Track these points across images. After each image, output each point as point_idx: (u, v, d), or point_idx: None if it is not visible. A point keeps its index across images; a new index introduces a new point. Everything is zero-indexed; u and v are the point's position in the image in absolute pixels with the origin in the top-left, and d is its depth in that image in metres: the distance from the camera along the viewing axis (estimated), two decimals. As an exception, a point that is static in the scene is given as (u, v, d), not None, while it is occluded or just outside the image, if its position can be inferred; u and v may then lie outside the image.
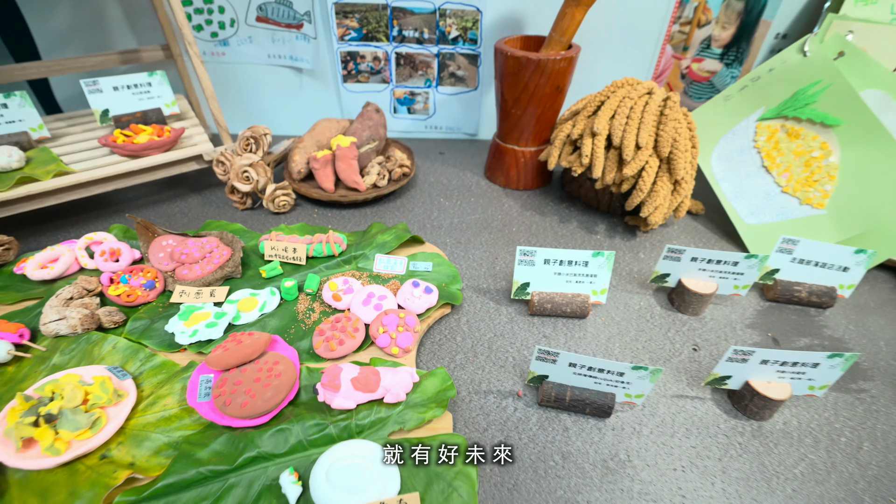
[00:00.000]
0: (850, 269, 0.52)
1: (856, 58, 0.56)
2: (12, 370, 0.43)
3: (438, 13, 0.76)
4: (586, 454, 0.40)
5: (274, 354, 0.42)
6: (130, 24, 0.78)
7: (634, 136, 0.58)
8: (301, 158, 0.70)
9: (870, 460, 0.40)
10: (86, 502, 0.34)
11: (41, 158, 0.61)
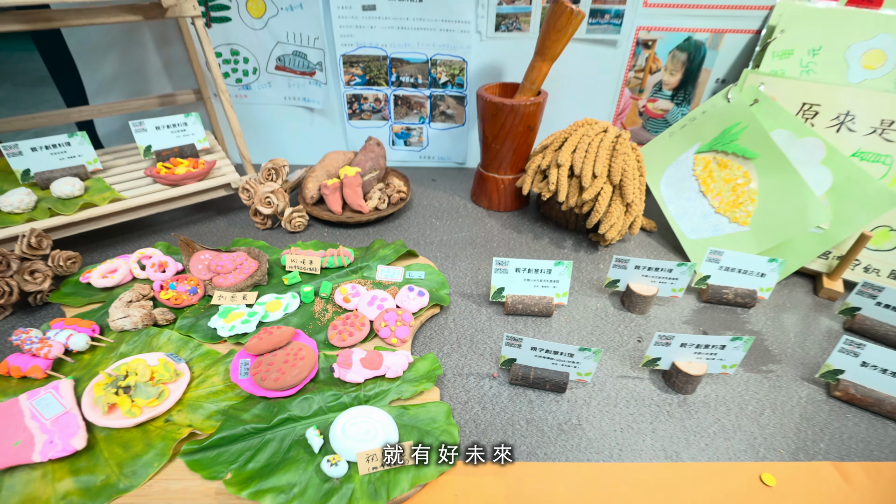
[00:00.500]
0: (767, 275, 0.64)
1: (766, 104, 0.69)
2: (88, 357, 0.53)
3: (430, 62, 0.89)
4: (545, 420, 0.51)
5: (298, 343, 0.53)
6: (167, 72, 0.91)
7: (591, 166, 0.70)
8: (313, 186, 0.82)
9: (768, 422, 0.51)
10: (158, 451, 0.44)
11: (97, 187, 0.73)
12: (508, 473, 0.46)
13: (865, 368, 0.51)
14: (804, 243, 0.68)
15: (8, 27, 0.62)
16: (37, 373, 0.50)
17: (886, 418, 0.52)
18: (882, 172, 0.65)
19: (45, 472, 0.42)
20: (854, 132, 0.66)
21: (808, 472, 0.46)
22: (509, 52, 0.86)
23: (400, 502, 0.42)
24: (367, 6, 0.83)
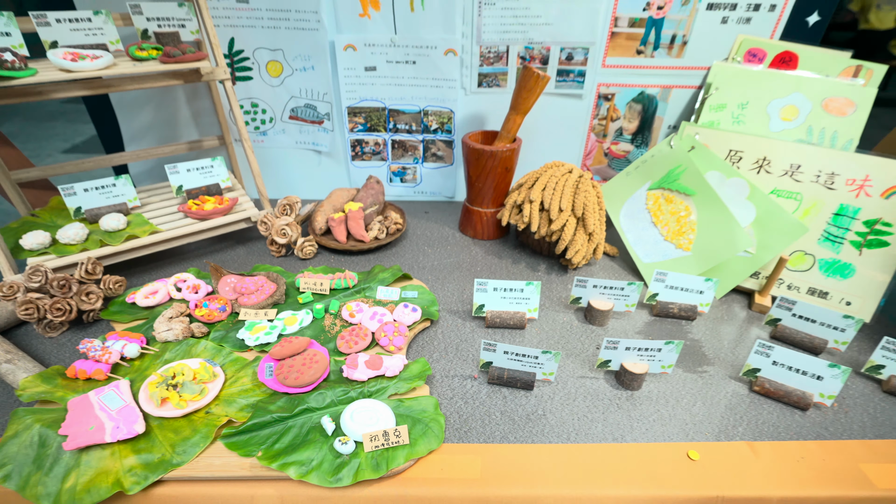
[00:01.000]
0: (704, 292, 0.76)
1: (700, 151, 0.83)
2: (138, 363, 0.65)
3: (423, 112, 1.04)
4: (516, 411, 0.62)
5: (312, 350, 0.65)
6: (195, 122, 1.05)
7: (558, 202, 0.84)
8: (322, 219, 0.95)
9: (698, 412, 0.63)
10: (203, 435, 0.55)
11: (137, 221, 0.85)
12: (485, 452, 0.56)
13: (776, 366, 0.63)
14: (736, 266, 0.80)
15: (75, 93, 0.76)
16: (99, 375, 0.61)
17: (793, 406, 0.63)
18: (794, 207, 0.78)
19: (114, 451, 0.53)
20: (770, 174, 0.80)
21: (726, 449, 0.58)
22: (490, 104, 1.01)
23: (397, 473, 0.53)
24: (369, 67, 0.98)
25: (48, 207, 0.89)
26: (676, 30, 0.92)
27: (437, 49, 0.95)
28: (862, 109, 0.82)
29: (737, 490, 0.53)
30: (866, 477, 0.55)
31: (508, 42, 0.94)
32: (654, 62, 0.96)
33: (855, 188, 0.75)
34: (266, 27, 0.94)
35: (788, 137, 0.85)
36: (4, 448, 0.52)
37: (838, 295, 0.77)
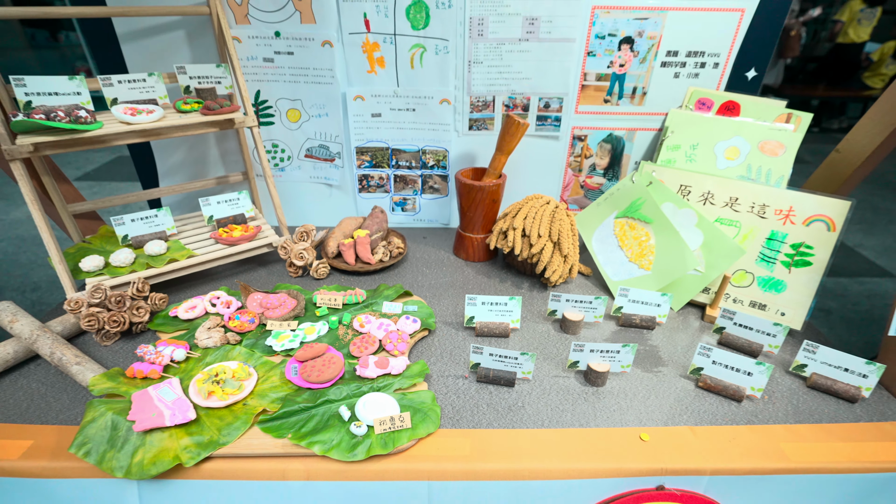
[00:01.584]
0: (661, 305, 0.90)
1: (657, 186, 0.98)
2: (184, 365, 0.77)
3: (421, 151, 1.19)
4: (500, 404, 0.74)
5: (330, 353, 0.78)
6: (223, 160, 1.20)
7: (537, 228, 0.98)
8: (333, 244, 1.09)
9: (652, 404, 0.75)
10: (243, 421, 0.67)
11: (175, 247, 0.99)
12: (473, 435, 0.69)
13: (715, 365, 0.76)
14: (689, 283, 0.94)
15: (131, 141, 0.91)
16: (154, 374, 0.73)
17: (729, 398, 0.76)
18: (734, 233, 0.93)
19: (171, 434, 0.65)
20: (714, 205, 0.95)
21: (671, 432, 0.70)
22: (479, 145, 1.17)
23: (401, 451, 0.65)
24: (375, 114, 1.14)
25: (98, 235, 1.03)
26: (637, 83, 1.09)
27: (433, 99, 1.11)
28: (790, 151, 0.97)
29: (678, 463, 0.65)
30: (784, 453, 0.67)
31: (494, 93, 1.11)
32: (620, 109, 1.12)
33: (782, 217, 0.89)
34: (287, 81, 1.10)
35: (732, 174, 1.00)
36: (84, 431, 0.64)
37: (774, 307, 0.91)
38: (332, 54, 1.06)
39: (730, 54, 1.05)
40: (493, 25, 1.02)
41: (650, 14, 1.01)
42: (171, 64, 1.00)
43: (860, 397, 0.76)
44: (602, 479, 0.65)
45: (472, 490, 0.65)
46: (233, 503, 0.65)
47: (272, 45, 1.06)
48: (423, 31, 1.03)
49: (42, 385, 0.76)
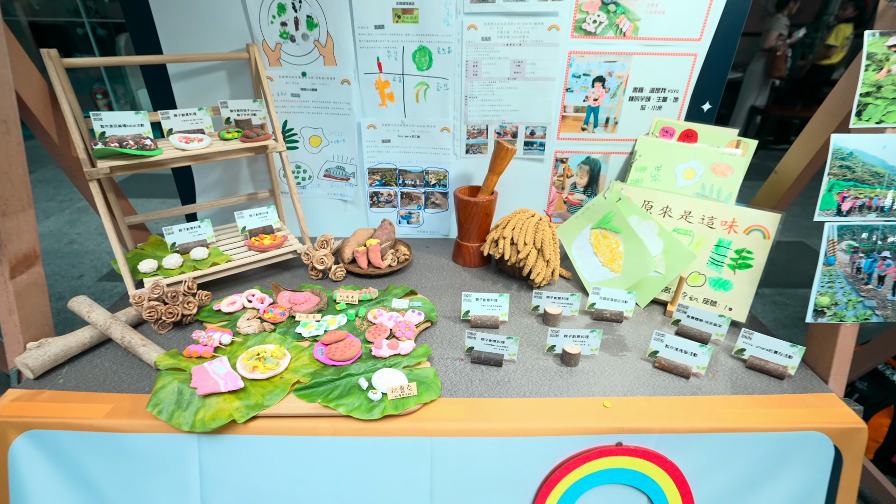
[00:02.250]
0: (627, 301, 1.06)
1: (625, 201, 1.16)
2: (230, 348, 0.93)
3: (424, 172, 1.37)
4: (490, 379, 0.90)
5: (350, 338, 0.94)
6: (252, 178, 1.39)
7: (523, 237, 1.15)
8: (349, 251, 1.26)
9: (616, 380, 0.91)
10: (281, 389, 0.83)
11: (215, 252, 1.16)
12: (468, 402, 0.84)
13: (668, 349, 0.92)
14: (653, 283, 1.11)
15: (184, 164, 1.09)
16: (206, 354, 0.90)
17: (679, 375, 0.92)
18: (689, 241, 1.10)
19: (225, 398, 0.81)
20: (672, 217, 1.12)
21: (629, 401, 0.86)
22: (475, 166, 1.35)
23: (410, 413, 0.81)
24: (385, 140, 1.32)
25: (149, 243, 1.20)
26: (609, 114, 1.28)
27: (435, 127, 1.30)
28: (738, 172, 1.15)
29: (632, 424, 0.81)
30: (719, 416, 0.83)
31: (487, 122, 1.29)
32: (595, 136, 1.30)
33: (727, 227, 1.07)
34: (311, 113, 1.29)
35: (689, 192, 1.17)
36: (157, 395, 0.80)
37: (723, 303, 1.08)
38: (350, 90, 1.25)
39: (687, 90, 1.24)
40: (485, 67, 1.21)
41: (618, 58, 1.20)
42: (214, 99, 1.19)
43: (787, 374, 0.92)
44: (572, 437, 0.81)
45: (466, 444, 0.80)
46: (273, 454, 0.80)
47: (299, 83, 1.25)
48: (427, 71, 1.22)
49: (113, 363, 0.92)
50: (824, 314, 0.89)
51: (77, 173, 1.08)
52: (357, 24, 1.16)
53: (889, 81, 0.78)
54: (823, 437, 0.82)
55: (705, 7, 1.13)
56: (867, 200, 0.83)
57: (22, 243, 0.88)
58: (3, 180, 0.83)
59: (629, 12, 1.14)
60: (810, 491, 0.84)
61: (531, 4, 1.12)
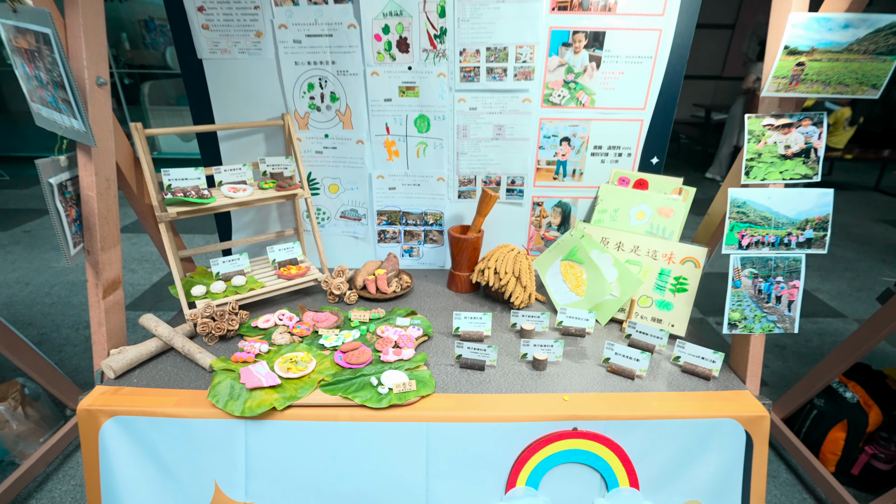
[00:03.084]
0: (588, 319, 1.30)
1: (587, 238, 1.42)
2: (267, 355, 1.17)
3: (423, 213, 1.64)
4: (474, 379, 1.13)
5: (363, 348, 1.18)
6: (280, 219, 1.66)
7: (504, 267, 1.40)
8: (360, 279, 1.51)
9: (575, 381, 1.13)
10: (310, 385, 1.06)
11: (251, 280, 1.41)
12: (456, 397, 1.07)
13: (617, 356, 1.16)
14: (610, 305, 1.35)
15: (231, 209, 1.36)
16: (250, 359, 1.13)
17: (625, 377, 1.15)
18: (638, 271, 1.35)
19: (267, 391, 1.04)
20: (624, 251, 1.38)
21: (584, 396, 1.08)
22: (466, 208, 1.62)
23: (411, 403, 1.04)
24: (391, 187, 1.60)
25: (196, 273, 1.46)
26: (575, 166, 1.55)
27: (432, 177, 1.58)
28: (679, 214, 1.41)
29: (585, 413, 1.04)
30: (656, 408, 1.05)
31: (475, 173, 1.57)
32: (565, 184, 1.58)
33: (667, 259, 1.32)
34: (331, 166, 1.58)
35: (641, 230, 1.43)
36: (215, 388, 1.03)
37: (667, 321, 1.31)
38: (363, 148, 1.54)
39: (637, 147, 1.53)
40: (473, 130, 1.50)
41: (580, 122, 1.49)
42: (254, 156, 1.48)
43: (712, 376, 1.14)
44: (538, 422, 1.03)
45: (455, 429, 1.02)
46: (303, 435, 1.02)
47: (322, 143, 1.54)
48: (426, 133, 1.51)
49: (174, 367, 1.16)
50: (737, 327, 1.13)
51: (147, 216, 1.35)
52: (370, 98, 1.46)
53: (766, 150, 1.05)
54: (736, 424, 1.04)
55: (646, 85, 1.43)
56: (760, 237, 1.08)
57: (111, 272, 1.14)
58: (103, 224, 1.10)
59: (586, 89, 1.44)
60: (730, 467, 1.05)
61: (508, 84, 1.43)
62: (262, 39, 1.38)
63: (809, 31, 0.94)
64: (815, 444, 1.88)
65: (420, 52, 1.39)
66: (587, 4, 1.33)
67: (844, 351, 1.55)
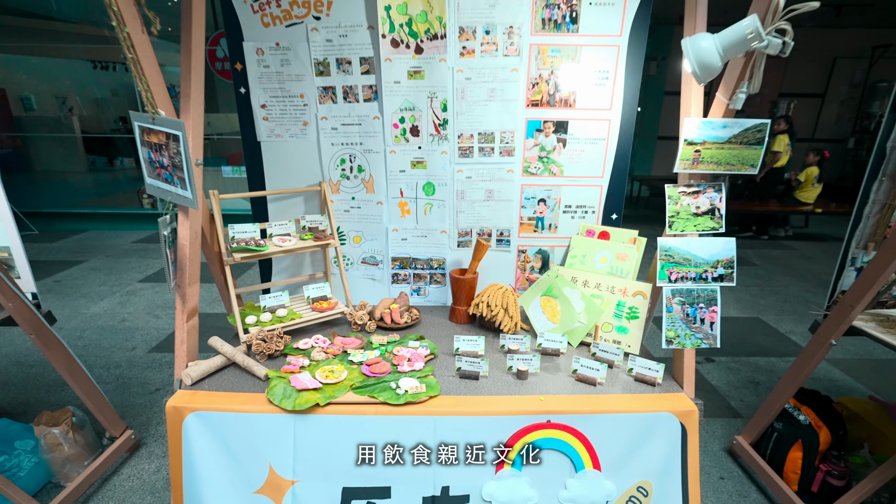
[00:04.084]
0: (562, 342, 1.63)
1: (561, 278, 1.78)
2: (309, 367, 1.49)
3: (429, 259, 2.01)
4: (471, 385, 1.44)
5: (383, 362, 1.50)
6: (312, 264, 2.03)
7: (495, 301, 1.75)
8: (378, 312, 1.85)
9: (550, 386, 1.45)
10: (344, 387, 1.38)
11: (291, 312, 1.75)
12: (457, 398, 1.39)
13: (582, 367, 1.48)
14: (579, 330, 1.69)
15: (279, 255, 1.73)
16: (296, 370, 1.45)
17: (589, 384, 1.46)
18: (600, 303, 1.70)
19: (311, 392, 1.35)
20: (589, 287, 1.74)
21: (556, 397, 1.39)
22: (464, 255, 1.99)
23: (420, 402, 1.35)
24: (403, 238, 1.98)
25: (247, 306, 1.80)
26: (551, 221, 1.95)
27: (436, 230, 1.96)
28: (633, 259, 1.78)
29: (557, 409, 1.35)
30: (610, 405, 1.36)
31: (471, 227, 1.96)
32: (543, 234, 1.96)
33: (623, 293, 1.67)
34: (356, 221, 1.97)
35: (603, 271, 1.80)
36: (272, 389, 1.35)
37: (626, 342, 1.64)
38: (382, 208, 1.94)
39: (600, 206, 1.92)
40: (469, 193, 1.91)
41: (553, 188, 1.90)
42: (295, 214, 1.87)
43: (657, 382, 1.46)
44: (520, 416, 1.34)
45: (455, 421, 1.33)
46: (339, 427, 1.32)
47: (350, 203, 1.94)
48: (431, 196, 1.92)
49: (235, 377, 1.47)
50: (672, 343, 1.46)
51: (214, 261, 1.72)
52: (388, 169, 1.88)
53: (683, 210, 1.44)
54: (674, 417, 1.35)
55: (602, 159, 1.85)
56: (684, 274, 1.45)
57: (193, 301, 1.49)
58: (191, 265, 1.46)
59: (556, 162, 1.86)
60: (670, 451, 1.34)
61: (495, 159, 1.85)
62: (307, 127, 1.83)
63: (701, 130, 1.36)
64: (778, 465, 2.14)
65: (427, 136, 1.83)
66: (553, 102, 1.78)
67: (790, 377, 1.87)
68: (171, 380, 2.93)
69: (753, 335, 3.70)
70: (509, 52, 1.70)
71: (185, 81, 1.35)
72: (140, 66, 1.22)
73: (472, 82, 1.74)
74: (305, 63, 1.73)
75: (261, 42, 1.71)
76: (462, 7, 1.64)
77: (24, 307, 1.73)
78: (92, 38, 6.49)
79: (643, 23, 1.67)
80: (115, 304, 4.09)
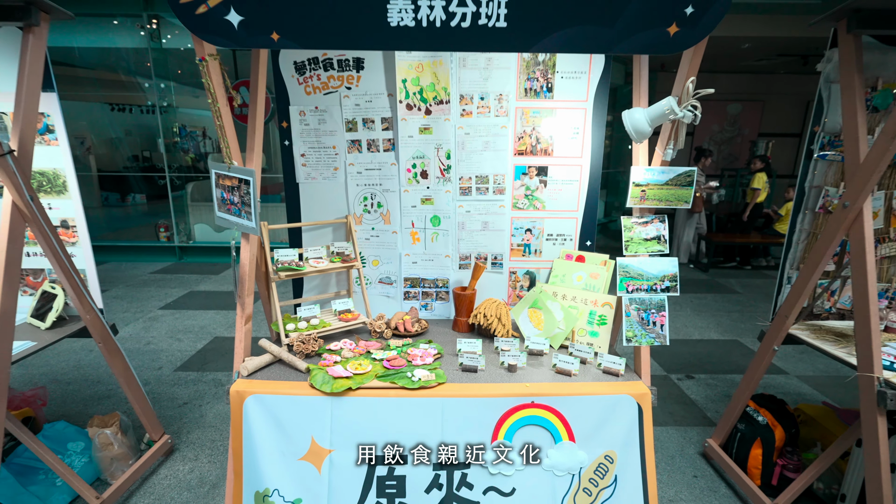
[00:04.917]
0: (544, 345, 1.99)
1: (544, 293, 2.16)
2: (341, 363, 1.85)
3: (436, 279, 2.40)
4: (471, 376, 1.80)
5: (399, 359, 1.86)
6: (337, 283, 2.41)
7: (490, 313, 2.13)
8: (393, 322, 2.22)
9: (534, 377, 1.80)
10: (371, 376, 1.73)
11: (321, 321, 2.13)
12: (460, 384, 1.74)
13: (561, 361, 1.84)
14: (559, 335, 2.05)
15: (313, 274, 2.12)
16: (331, 364, 1.81)
17: (566, 375, 1.82)
18: (576, 312, 2.08)
19: (344, 379, 1.71)
20: (567, 300, 2.12)
21: (540, 384, 1.75)
22: (464, 276, 2.38)
23: (431, 387, 1.70)
24: (413, 262, 2.38)
25: (285, 317, 2.18)
26: (536, 247, 2.35)
27: (441, 255, 2.36)
28: (603, 277, 2.17)
29: (540, 392, 1.70)
30: (582, 390, 1.72)
31: (470, 253, 2.36)
32: (531, 258, 2.36)
33: (594, 304, 2.05)
34: (374, 247, 2.37)
35: (579, 288, 2.18)
36: (314, 377, 1.71)
37: (597, 343, 2.01)
38: (396, 237, 2.34)
39: (576, 234, 2.33)
40: (468, 224, 2.32)
41: (537, 220, 2.31)
42: (325, 241, 2.27)
43: (620, 373, 1.82)
44: (509, 398, 1.69)
45: (459, 402, 1.68)
46: (367, 406, 1.67)
47: (370, 233, 2.35)
48: (437, 227, 2.33)
49: (280, 371, 1.83)
50: (631, 341, 1.83)
51: (261, 278, 2.10)
52: (402, 205, 2.30)
53: (636, 236, 1.84)
54: (631, 398, 1.70)
55: (577, 196, 2.28)
56: (639, 286, 1.83)
57: (248, 309, 1.87)
58: (248, 280, 1.85)
59: (539, 199, 2.28)
60: (630, 426, 1.68)
61: (489, 196, 2.27)
62: (337, 171, 2.26)
63: (645, 175, 1.79)
64: (743, 462, 2.47)
65: (435, 178, 2.26)
66: (535, 151, 2.22)
67: (746, 380, 2.23)
68: (196, 395, 3.26)
69: (732, 355, 4.04)
70: (500, 114, 2.16)
71: (250, 139, 1.79)
72: (224, 130, 1.65)
73: (471, 136, 2.19)
74: (338, 122, 2.19)
75: (303, 106, 2.17)
76: (462, 80, 2.11)
77: (97, 319, 2.11)
78: (110, 83, 7.09)
79: (604, 90, 2.13)
80: (139, 329, 4.43)
